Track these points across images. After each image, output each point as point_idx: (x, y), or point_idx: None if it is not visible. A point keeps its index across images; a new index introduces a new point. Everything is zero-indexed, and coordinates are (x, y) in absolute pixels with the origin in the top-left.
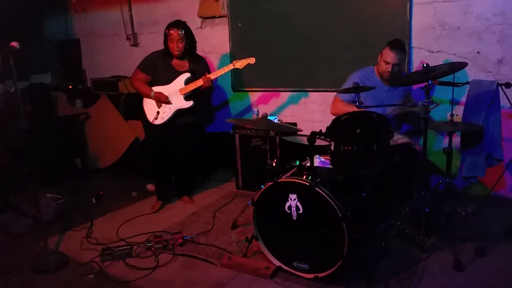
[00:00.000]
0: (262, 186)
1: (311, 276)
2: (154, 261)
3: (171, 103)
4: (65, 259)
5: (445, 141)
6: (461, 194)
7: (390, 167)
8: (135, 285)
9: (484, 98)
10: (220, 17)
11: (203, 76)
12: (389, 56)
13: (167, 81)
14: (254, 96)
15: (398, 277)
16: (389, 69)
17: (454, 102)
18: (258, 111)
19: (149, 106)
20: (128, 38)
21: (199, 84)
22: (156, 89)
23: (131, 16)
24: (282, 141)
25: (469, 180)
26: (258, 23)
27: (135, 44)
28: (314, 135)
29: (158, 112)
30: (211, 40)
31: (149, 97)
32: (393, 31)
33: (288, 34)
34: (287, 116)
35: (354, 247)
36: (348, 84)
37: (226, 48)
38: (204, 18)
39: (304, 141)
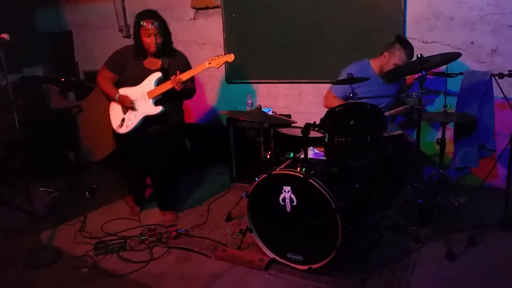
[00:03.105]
0: (256, 179)
1: (305, 267)
2: (148, 254)
3: (136, 109)
4: (58, 253)
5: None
6: (454, 184)
7: (384, 159)
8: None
9: (478, 89)
10: (213, 7)
11: (173, 77)
12: (403, 60)
13: (136, 82)
14: (248, 88)
15: (392, 268)
16: None
17: (448, 93)
18: (252, 103)
19: (115, 111)
20: (120, 30)
21: (168, 87)
22: (122, 91)
23: (123, 7)
24: (276, 133)
25: (462, 171)
26: (252, 14)
27: (128, 36)
28: (308, 127)
29: (123, 119)
30: (204, 31)
31: (113, 99)
32: (387, 21)
33: (282, 25)
34: (281, 108)
35: (347, 238)
36: (342, 76)
37: (220, 39)
38: (198, 9)
39: (298, 133)
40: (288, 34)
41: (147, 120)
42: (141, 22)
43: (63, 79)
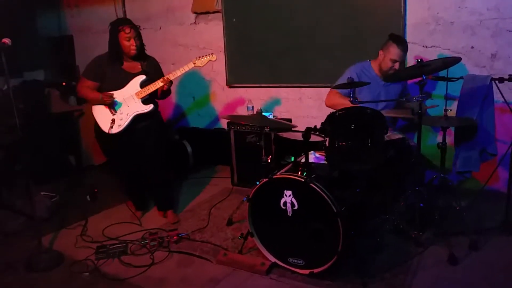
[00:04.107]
0: (257, 183)
1: (306, 271)
2: (149, 259)
3: (117, 102)
4: (60, 257)
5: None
6: (455, 188)
7: (385, 163)
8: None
9: (478, 93)
10: (214, 12)
11: (163, 78)
12: (398, 54)
13: (119, 86)
14: (249, 92)
15: (393, 272)
16: (397, 67)
17: (448, 97)
18: (253, 107)
19: (102, 115)
20: None
21: (158, 86)
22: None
23: (124, 12)
24: (277, 137)
25: (463, 175)
26: (253, 18)
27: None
28: (309, 131)
29: (113, 120)
30: (205, 36)
31: (99, 101)
32: (387, 26)
33: (283, 29)
34: (282, 112)
35: (349, 243)
36: (343, 78)
37: (220, 44)
38: (198, 13)
39: (299, 137)
40: (288, 38)
41: (135, 118)
42: (119, 27)
43: (64, 83)
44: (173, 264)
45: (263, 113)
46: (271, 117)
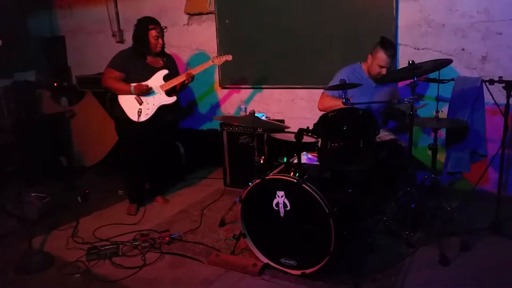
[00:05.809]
0: (250, 183)
1: (298, 272)
2: (141, 260)
3: (154, 92)
4: (51, 259)
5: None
6: (446, 189)
7: (376, 164)
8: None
9: (469, 95)
10: (207, 13)
11: (186, 72)
12: (384, 61)
13: (144, 78)
14: (241, 93)
15: (385, 272)
16: (384, 73)
17: (439, 99)
18: (245, 108)
19: (128, 105)
20: (114, 35)
21: (181, 80)
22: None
23: (117, 13)
24: (270, 138)
25: (454, 176)
26: (246, 20)
27: (121, 41)
28: (301, 132)
29: (140, 110)
30: (198, 37)
31: (128, 92)
32: (379, 28)
33: (275, 31)
34: (275, 113)
35: (341, 243)
36: (335, 80)
37: (213, 45)
38: (191, 14)
39: (292, 138)
40: (281, 40)
41: (159, 111)
42: (150, 26)
43: (55, 84)
44: (165, 265)
45: (255, 114)
46: (263, 118)
